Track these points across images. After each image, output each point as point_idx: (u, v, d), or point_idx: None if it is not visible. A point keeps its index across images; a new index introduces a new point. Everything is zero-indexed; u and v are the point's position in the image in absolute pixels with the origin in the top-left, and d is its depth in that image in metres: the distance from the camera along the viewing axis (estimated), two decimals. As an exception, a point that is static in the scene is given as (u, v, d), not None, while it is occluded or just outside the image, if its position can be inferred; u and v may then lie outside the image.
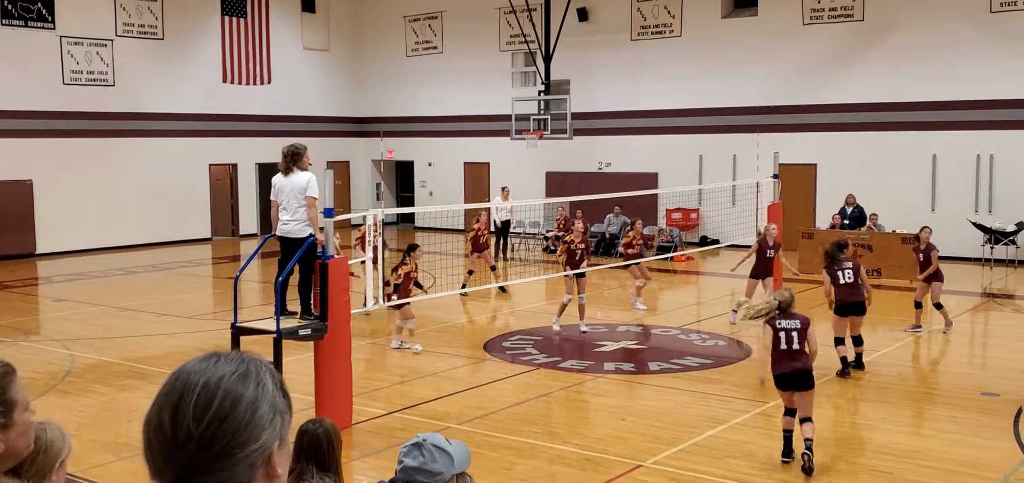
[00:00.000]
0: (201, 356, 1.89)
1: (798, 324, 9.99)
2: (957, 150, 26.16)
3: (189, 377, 1.82)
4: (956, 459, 10.24)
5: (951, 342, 16.40)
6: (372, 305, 12.84)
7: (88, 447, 10.59)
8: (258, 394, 1.83)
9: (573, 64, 31.85)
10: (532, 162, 32.45)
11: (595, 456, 10.34)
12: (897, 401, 12.69)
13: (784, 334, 9.94)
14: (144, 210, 31.03)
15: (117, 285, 23.79)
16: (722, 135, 29.83)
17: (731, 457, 10.34)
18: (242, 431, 1.79)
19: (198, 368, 1.84)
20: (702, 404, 12.51)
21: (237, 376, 1.83)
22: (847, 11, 27.75)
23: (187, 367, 1.85)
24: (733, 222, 26.52)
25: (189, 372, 1.83)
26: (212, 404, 1.78)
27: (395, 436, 10.90)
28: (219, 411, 1.78)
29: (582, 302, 16.92)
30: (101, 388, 13.50)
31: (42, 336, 17.67)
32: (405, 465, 3.98)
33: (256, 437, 1.81)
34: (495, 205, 26.68)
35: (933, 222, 25.08)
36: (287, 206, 11.42)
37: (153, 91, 31.35)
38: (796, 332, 9.93)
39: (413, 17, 36.66)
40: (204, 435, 1.77)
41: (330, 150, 35.29)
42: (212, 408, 1.78)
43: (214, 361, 1.86)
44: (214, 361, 1.86)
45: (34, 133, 28.49)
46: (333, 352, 11.18)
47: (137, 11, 30.90)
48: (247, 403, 1.81)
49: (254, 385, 1.84)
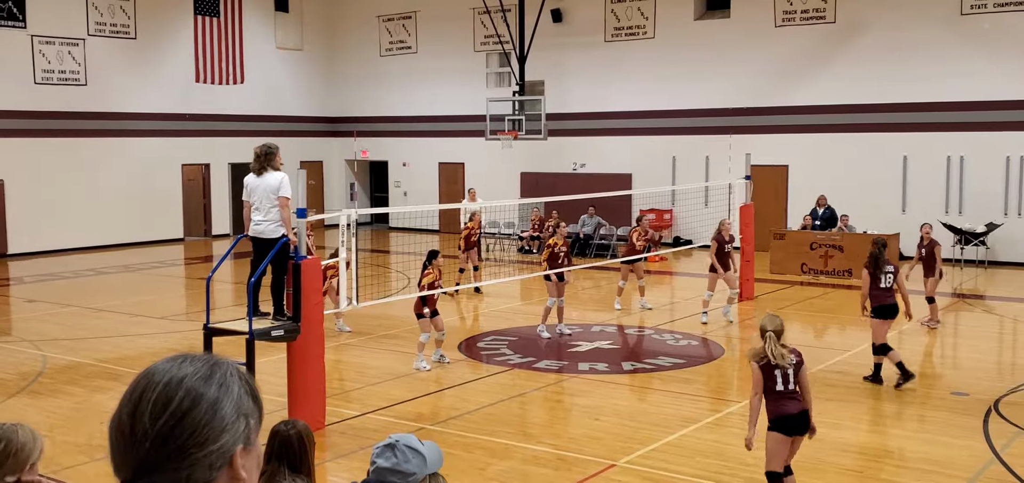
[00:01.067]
0: (169, 357, 1.90)
1: (795, 359, 8.50)
2: (928, 151, 26.39)
3: (152, 376, 1.83)
4: (927, 458, 10.35)
5: (922, 344, 16.55)
6: (346, 306, 12.82)
7: (61, 448, 10.54)
8: (220, 394, 1.83)
9: (547, 65, 31.92)
10: (507, 163, 32.48)
11: (569, 456, 10.39)
12: (867, 400, 12.79)
13: (780, 373, 8.40)
14: (116, 210, 30.84)
15: (89, 286, 23.65)
16: (695, 136, 29.97)
17: (704, 456, 10.41)
18: (200, 430, 1.79)
19: (163, 368, 1.85)
20: (675, 404, 12.58)
21: (200, 376, 1.83)
22: (819, 13, 27.94)
23: (153, 366, 1.87)
24: (706, 223, 26.64)
25: (153, 371, 1.85)
26: (171, 402, 1.79)
27: (369, 437, 10.90)
28: (177, 409, 1.78)
29: (561, 305, 16.92)
30: (73, 389, 13.43)
31: (14, 337, 17.54)
32: (378, 466, 3.99)
33: (215, 438, 1.80)
34: (463, 206, 26.68)
35: (904, 223, 25.39)
36: (259, 206, 11.38)
37: (125, 91, 31.17)
38: (792, 369, 8.44)
39: (387, 17, 36.61)
40: (160, 432, 1.77)
41: (304, 150, 35.20)
42: (171, 406, 1.78)
43: (180, 361, 1.87)
44: (180, 361, 1.87)
45: (5, 133, 28.26)
46: (306, 353, 11.16)
47: (109, 10, 30.71)
48: (208, 403, 1.81)
49: (217, 386, 1.84)
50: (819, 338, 17.17)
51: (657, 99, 30.62)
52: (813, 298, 20.97)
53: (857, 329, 16.92)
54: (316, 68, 37.50)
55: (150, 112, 31.86)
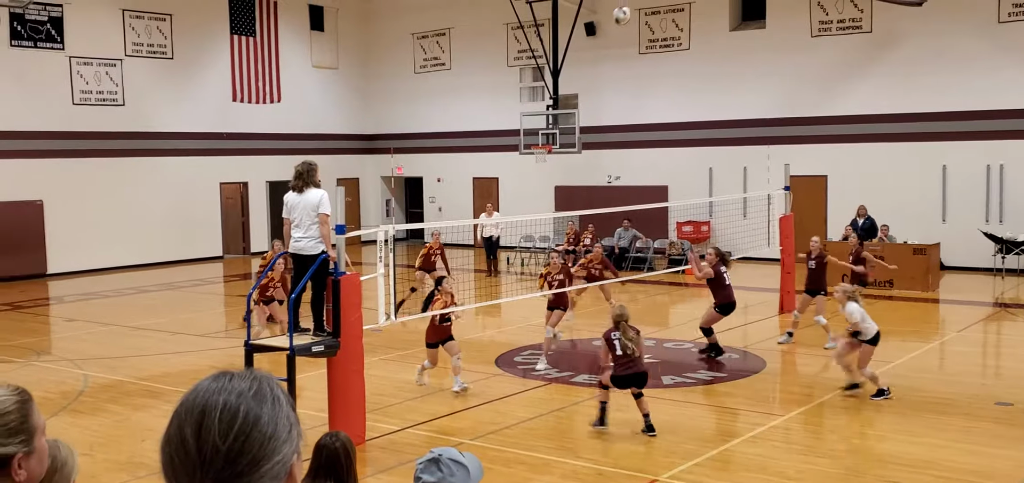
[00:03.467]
0: (213, 375, 1.91)
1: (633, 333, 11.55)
2: (967, 160, 26.10)
3: (208, 395, 1.85)
4: (970, 469, 10.20)
5: (964, 353, 16.34)
6: (384, 321, 12.82)
7: (102, 466, 10.59)
8: (275, 409, 1.87)
9: (581, 78, 31.89)
10: (541, 177, 32.46)
11: (609, 471, 10.32)
12: (910, 412, 12.64)
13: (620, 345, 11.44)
14: (155, 229, 31.10)
15: (129, 304, 23.82)
16: (732, 147, 29.82)
17: (746, 470, 10.31)
18: (266, 444, 1.83)
19: (214, 386, 1.86)
20: (716, 418, 12.48)
21: (253, 393, 1.86)
22: (855, 23, 27.74)
23: (203, 386, 1.88)
24: (744, 234, 26.46)
25: (206, 390, 1.86)
26: (236, 419, 1.81)
27: (409, 452, 10.88)
28: (243, 426, 1.81)
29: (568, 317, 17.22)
30: (114, 407, 13.51)
31: (54, 356, 17.70)
32: (424, 481, 3.96)
33: (278, 450, 1.84)
34: (481, 222, 26.72)
35: (944, 233, 25.14)
36: (300, 223, 11.41)
37: (163, 110, 31.46)
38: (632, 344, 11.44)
39: (421, 34, 36.74)
40: (231, 450, 1.79)
41: (340, 167, 35.34)
42: (236, 423, 1.81)
43: (228, 379, 1.88)
44: (228, 379, 1.88)
45: (44, 153, 28.60)
46: (346, 368, 11.17)
47: (146, 31, 31.02)
48: (267, 418, 1.85)
49: (270, 401, 1.87)
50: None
51: (693, 110, 30.50)
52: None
53: (899, 340, 16.72)
54: (351, 86, 37.69)
55: (188, 131, 32.14)
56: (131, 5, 30.62)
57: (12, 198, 28.01)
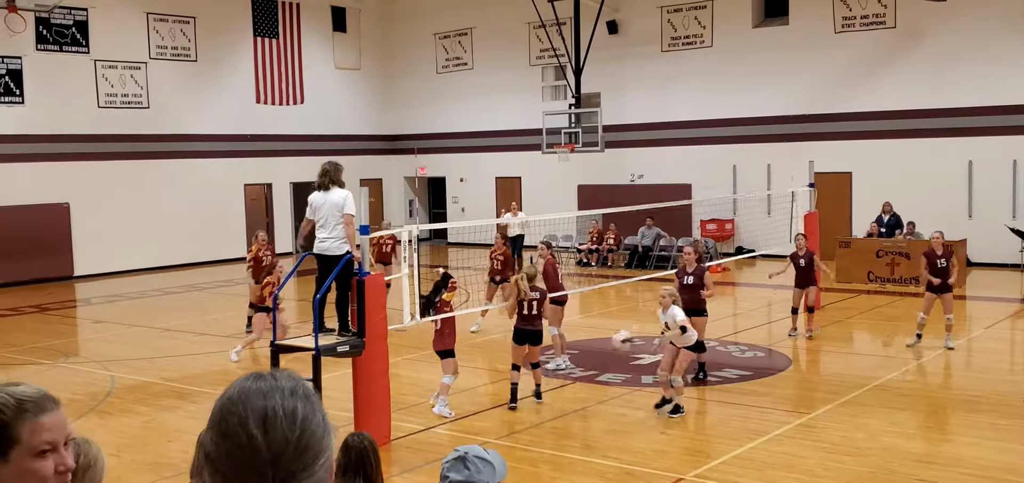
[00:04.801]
0: (253, 375, 1.93)
1: (537, 295, 12.96)
2: (993, 156, 25.90)
3: (264, 394, 1.88)
4: (999, 466, 10.12)
5: (991, 350, 16.21)
6: (409, 321, 12.83)
7: (129, 468, 10.65)
8: (316, 406, 1.92)
9: (604, 77, 31.84)
10: (563, 175, 32.44)
11: (636, 470, 10.29)
12: (938, 409, 12.56)
13: (526, 304, 12.89)
14: (180, 230, 31.26)
15: (155, 306, 23.96)
16: (756, 145, 29.71)
17: (773, 469, 10.26)
18: (323, 438, 1.89)
19: (264, 386, 1.89)
20: (742, 416, 12.43)
21: (302, 392, 1.91)
22: (879, 18, 27.58)
23: (248, 386, 1.90)
24: (769, 232, 26.36)
25: (257, 390, 1.89)
26: (297, 415, 1.86)
27: (434, 451, 10.89)
28: (304, 422, 1.87)
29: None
30: (141, 408, 13.59)
31: (82, 357, 17.82)
32: (451, 480, 3.96)
33: (329, 445, 1.91)
34: (504, 220, 26.60)
35: (970, 228, 24.96)
36: (325, 223, 11.43)
37: (187, 113, 31.64)
38: (535, 303, 12.91)
39: (443, 34, 36.78)
40: (299, 444, 1.85)
41: (363, 168, 35.42)
42: (298, 419, 1.86)
43: (273, 379, 1.92)
44: (273, 379, 1.92)
45: (70, 156, 28.80)
46: (371, 368, 11.20)
47: (170, 34, 31.20)
48: (315, 414, 1.90)
49: (309, 399, 1.92)
50: (887, 347, 16.86)
51: (716, 108, 30.41)
52: (880, 306, 20.65)
53: (926, 337, 16.60)
54: (374, 87, 37.78)
55: (212, 133, 32.30)
56: (155, 8, 30.80)
57: (39, 201, 28.22)
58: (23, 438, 2.30)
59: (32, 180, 28.02)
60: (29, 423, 2.31)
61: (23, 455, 2.31)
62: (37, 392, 2.37)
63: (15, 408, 2.31)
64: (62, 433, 2.37)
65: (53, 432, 2.34)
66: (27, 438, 2.30)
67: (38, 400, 2.35)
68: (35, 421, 2.32)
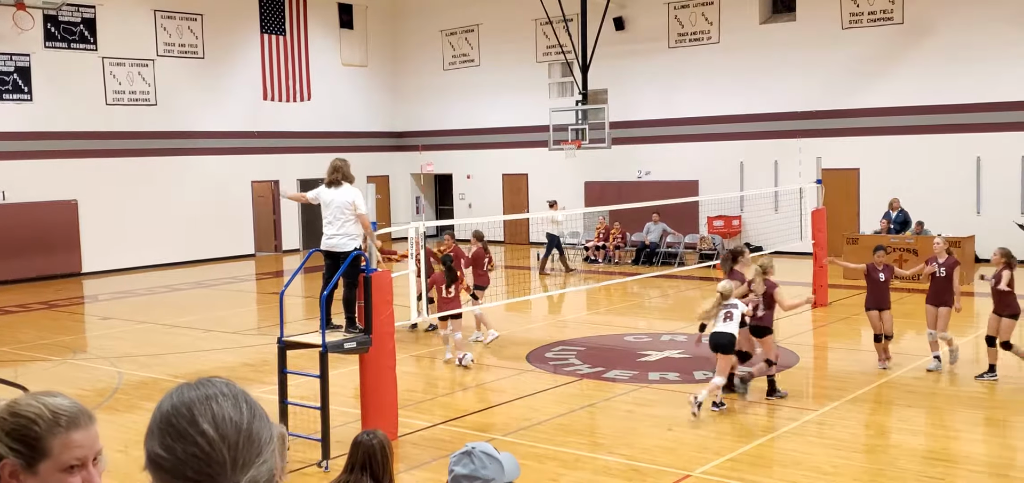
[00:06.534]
0: (181, 385, 2.03)
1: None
2: (1001, 152, 25.83)
3: (203, 391, 1.98)
4: (1007, 463, 10.12)
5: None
6: (417, 318, 12.83)
7: (137, 464, 10.63)
8: (248, 399, 2.02)
9: (610, 73, 31.81)
10: (570, 172, 32.42)
11: (642, 467, 10.28)
12: (945, 406, 12.53)
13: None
14: (188, 227, 31.31)
15: (162, 302, 24.00)
16: (763, 141, 29.67)
17: (780, 465, 10.25)
18: (266, 423, 2.00)
19: (198, 386, 2.01)
20: (750, 413, 12.41)
21: (225, 385, 2.02)
22: (886, 14, 27.52)
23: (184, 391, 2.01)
24: (776, 229, 26.32)
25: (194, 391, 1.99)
26: (238, 402, 1.97)
27: (442, 448, 10.88)
28: (247, 408, 1.96)
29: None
30: (149, 405, 13.51)
31: (90, 354, 17.85)
32: (456, 474, 3.96)
33: (269, 433, 1.99)
34: (547, 216, 26.57)
35: (979, 225, 24.89)
36: (333, 220, 11.45)
37: (195, 110, 31.68)
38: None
39: (450, 31, 36.78)
40: (249, 429, 1.94)
41: (369, 165, 35.42)
42: (242, 406, 1.96)
43: (201, 381, 2.02)
44: (201, 381, 2.02)
45: (78, 153, 28.86)
46: (378, 365, 11.19)
47: (177, 31, 31.24)
48: (250, 405, 2.01)
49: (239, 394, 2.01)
50: (896, 344, 16.81)
51: (723, 104, 30.36)
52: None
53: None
54: (381, 83, 37.79)
55: (219, 130, 32.34)
56: (163, 5, 30.83)
57: (47, 198, 28.29)
58: (53, 452, 2.27)
59: (40, 177, 28.08)
60: (61, 438, 2.28)
61: (51, 470, 2.28)
62: (73, 406, 2.34)
63: (50, 421, 2.28)
64: (92, 450, 2.34)
65: (83, 449, 2.31)
66: (57, 452, 2.27)
67: (73, 415, 2.32)
68: (67, 436, 2.28)
